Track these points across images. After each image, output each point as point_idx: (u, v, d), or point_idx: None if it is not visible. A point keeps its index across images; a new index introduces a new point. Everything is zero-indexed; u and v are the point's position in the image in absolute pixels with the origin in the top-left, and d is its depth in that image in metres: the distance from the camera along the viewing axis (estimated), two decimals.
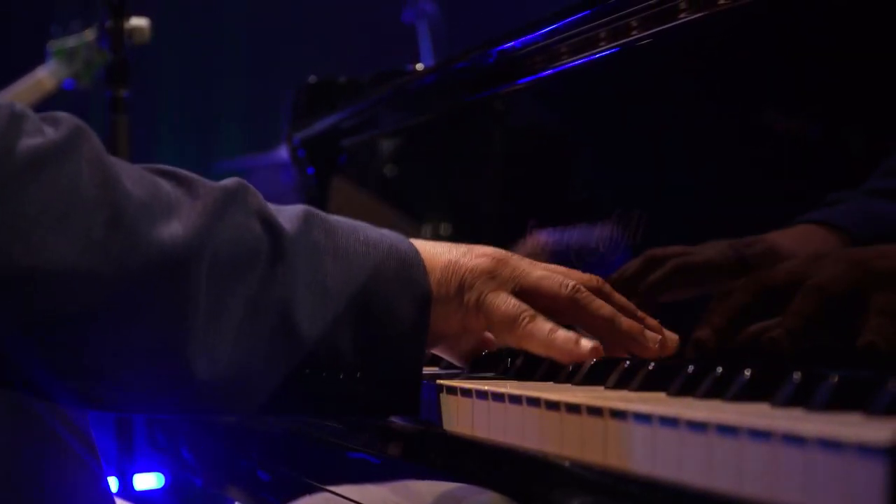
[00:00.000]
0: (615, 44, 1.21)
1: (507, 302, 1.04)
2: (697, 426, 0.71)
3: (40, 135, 0.91)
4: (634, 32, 1.18)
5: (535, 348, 1.04)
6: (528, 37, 1.33)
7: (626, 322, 1.05)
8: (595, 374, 1.01)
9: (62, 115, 0.95)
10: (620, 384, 0.96)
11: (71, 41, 3.51)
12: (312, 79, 2.02)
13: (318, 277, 0.98)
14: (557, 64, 1.31)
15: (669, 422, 0.74)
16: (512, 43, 1.37)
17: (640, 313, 1.07)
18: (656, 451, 0.75)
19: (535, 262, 1.08)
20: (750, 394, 0.82)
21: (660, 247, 1.12)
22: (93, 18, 3.54)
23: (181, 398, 0.96)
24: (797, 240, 0.98)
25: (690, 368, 0.89)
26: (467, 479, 0.98)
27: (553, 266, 1.08)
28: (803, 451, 0.63)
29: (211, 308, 0.93)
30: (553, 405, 0.87)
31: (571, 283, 1.05)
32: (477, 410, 0.99)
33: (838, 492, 0.61)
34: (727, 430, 0.68)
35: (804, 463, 0.63)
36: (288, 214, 1.00)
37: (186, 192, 0.96)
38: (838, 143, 0.96)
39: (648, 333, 1.05)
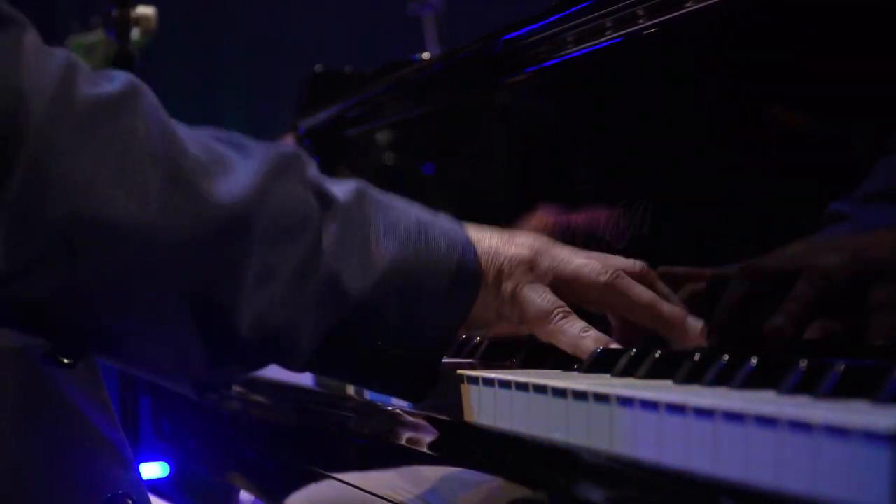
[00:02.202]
0: (621, 33, 1.21)
1: (542, 296, 1.04)
2: (704, 413, 0.71)
3: (97, 87, 0.91)
4: (641, 21, 1.17)
5: (564, 346, 1.04)
6: (534, 26, 1.33)
7: (667, 308, 1.05)
8: (602, 361, 1.01)
9: (116, 71, 0.95)
10: (627, 372, 0.96)
11: (90, 37, 3.51)
12: (318, 69, 2.02)
13: (368, 248, 0.99)
14: (563, 53, 1.31)
15: (676, 409, 0.74)
16: (517, 32, 1.37)
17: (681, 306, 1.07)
18: (663, 439, 0.75)
19: (576, 250, 1.08)
20: (756, 381, 0.82)
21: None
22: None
23: (225, 354, 0.97)
24: (834, 279, 0.96)
25: (697, 356, 0.89)
26: (473, 466, 0.99)
27: (595, 253, 1.09)
28: (810, 438, 0.63)
29: (261, 269, 0.94)
30: (560, 392, 0.87)
31: (611, 270, 1.06)
32: (483, 398, 0.99)
33: (844, 478, 0.61)
34: (734, 417, 0.69)
35: (811, 450, 0.63)
36: (342, 187, 1.02)
37: (242, 154, 0.97)
38: (847, 135, 0.96)
39: (690, 322, 1.04)
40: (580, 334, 1.03)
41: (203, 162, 0.93)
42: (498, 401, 0.97)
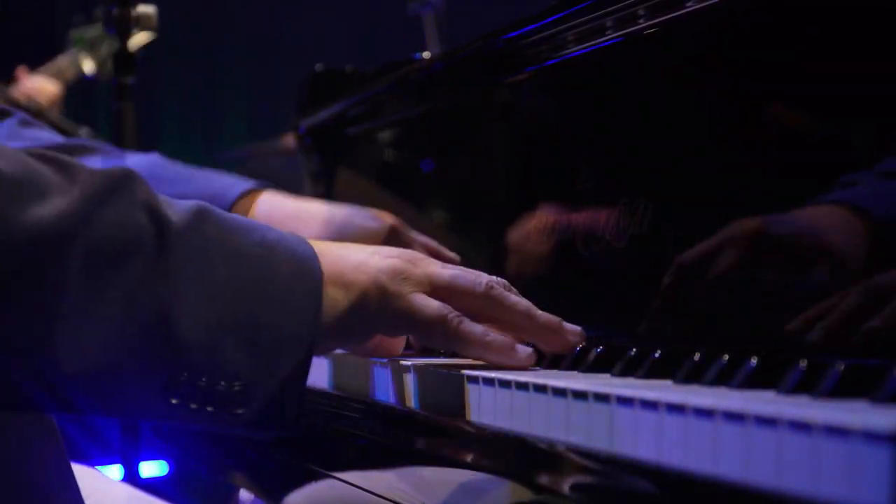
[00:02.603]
0: (621, 33, 1.21)
1: (428, 304, 1.02)
2: (704, 413, 0.71)
3: None
4: (641, 21, 1.18)
5: (469, 351, 1.03)
6: (534, 25, 1.33)
7: (543, 315, 1.05)
8: (601, 361, 1.01)
9: None
10: (627, 372, 0.96)
11: (92, 30, 3.50)
12: (319, 68, 2.02)
13: (205, 277, 0.92)
14: (563, 53, 1.31)
15: (676, 409, 0.74)
16: (518, 32, 1.37)
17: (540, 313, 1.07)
18: (663, 439, 0.75)
19: (443, 264, 1.07)
20: (756, 381, 0.82)
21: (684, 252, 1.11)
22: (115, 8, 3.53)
23: (47, 393, 0.89)
24: (818, 222, 0.97)
25: (697, 356, 0.89)
26: (473, 467, 0.99)
27: (461, 267, 1.08)
28: (809, 438, 0.63)
29: (84, 298, 0.87)
30: (560, 392, 0.87)
31: (485, 280, 1.05)
32: (483, 397, 0.99)
33: (844, 478, 0.61)
34: (734, 416, 0.69)
35: (810, 449, 0.63)
36: (179, 208, 0.94)
37: (65, 176, 0.89)
38: (847, 135, 0.96)
39: (567, 325, 1.06)
40: (484, 338, 1.02)
41: (17, 182, 0.86)
42: (498, 400, 0.97)
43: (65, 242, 0.86)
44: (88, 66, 3.49)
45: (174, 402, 0.90)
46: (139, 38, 2.36)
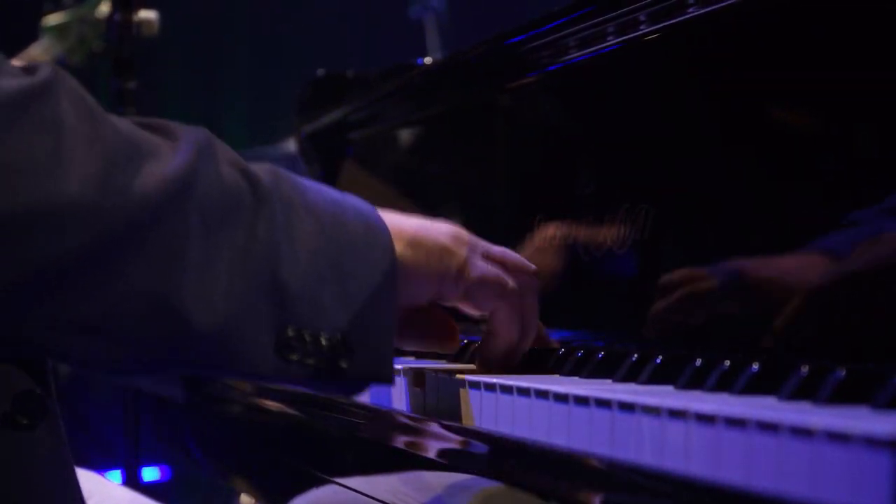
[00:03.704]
0: (623, 38, 1.21)
1: (487, 266, 1.06)
2: (705, 419, 0.72)
3: (18, 76, 0.88)
4: (642, 27, 1.18)
5: (514, 315, 1.07)
6: (536, 31, 1.33)
7: (542, 329, 1.12)
8: (603, 367, 1.01)
9: (37, 63, 0.92)
10: (628, 377, 0.96)
11: (64, 16, 3.49)
12: (321, 72, 2.03)
13: (296, 231, 0.96)
14: (565, 58, 1.31)
15: (677, 414, 0.74)
16: (520, 37, 1.37)
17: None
18: (664, 444, 0.75)
19: None
20: (757, 387, 0.83)
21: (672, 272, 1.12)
22: None
23: (179, 351, 0.91)
24: (837, 286, 0.97)
25: (698, 362, 0.90)
26: (475, 472, 0.99)
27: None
28: (811, 444, 0.63)
29: (204, 253, 0.90)
30: (561, 397, 0.88)
31: (532, 266, 1.10)
32: (485, 403, 0.99)
33: (845, 484, 0.61)
34: (735, 422, 0.69)
35: (811, 455, 0.63)
36: (259, 167, 0.98)
37: (164, 136, 0.93)
38: (848, 140, 0.96)
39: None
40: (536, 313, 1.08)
41: (134, 141, 0.90)
42: (499, 406, 0.97)
43: (185, 195, 0.90)
44: (59, 52, 3.48)
45: (289, 356, 0.94)
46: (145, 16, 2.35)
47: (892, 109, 0.91)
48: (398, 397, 1.14)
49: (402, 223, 1.04)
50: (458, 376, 1.04)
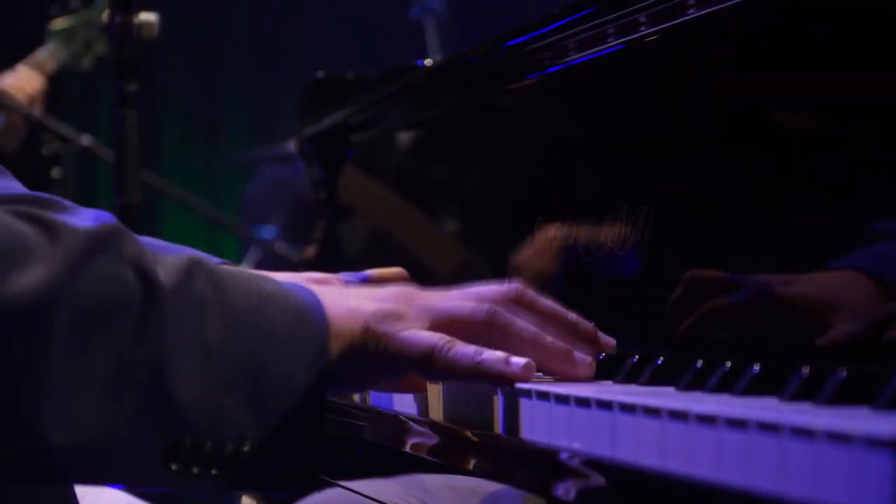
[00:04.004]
0: (623, 40, 1.21)
1: (419, 335, 0.95)
2: (706, 420, 0.72)
3: None
4: (643, 28, 1.18)
5: (462, 376, 0.96)
6: (537, 32, 1.33)
7: (551, 344, 0.98)
8: (604, 368, 1.01)
9: None
10: (629, 379, 0.96)
11: (70, 21, 3.49)
12: (321, 74, 2.03)
13: (200, 334, 0.88)
14: (566, 60, 1.31)
15: (679, 416, 0.74)
16: (520, 39, 1.37)
17: (571, 316, 1.01)
18: (666, 445, 0.75)
19: (444, 293, 1.01)
20: (758, 388, 0.83)
21: (701, 270, 1.09)
22: None
23: (37, 468, 0.85)
24: (836, 287, 0.95)
25: (699, 363, 0.90)
26: (473, 473, 0.99)
27: (466, 290, 1.01)
28: (812, 445, 0.63)
29: (71, 365, 0.83)
30: (563, 399, 0.88)
31: (486, 307, 0.98)
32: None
33: (846, 485, 0.61)
34: (736, 423, 0.69)
35: (812, 456, 0.63)
36: (169, 263, 0.89)
37: (48, 237, 0.85)
38: (849, 141, 0.96)
39: (577, 356, 0.99)
40: (475, 358, 0.94)
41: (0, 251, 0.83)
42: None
43: (48, 310, 0.83)
44: (65, 56, 3.49)
45: (174, 468, 0.87)
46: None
47: (894, 110, 0.91)
48: (403, 400, 1.14)
49: (333, 310, 0.94)
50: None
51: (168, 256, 0.90)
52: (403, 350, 0.95)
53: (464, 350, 0.94)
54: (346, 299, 0.97)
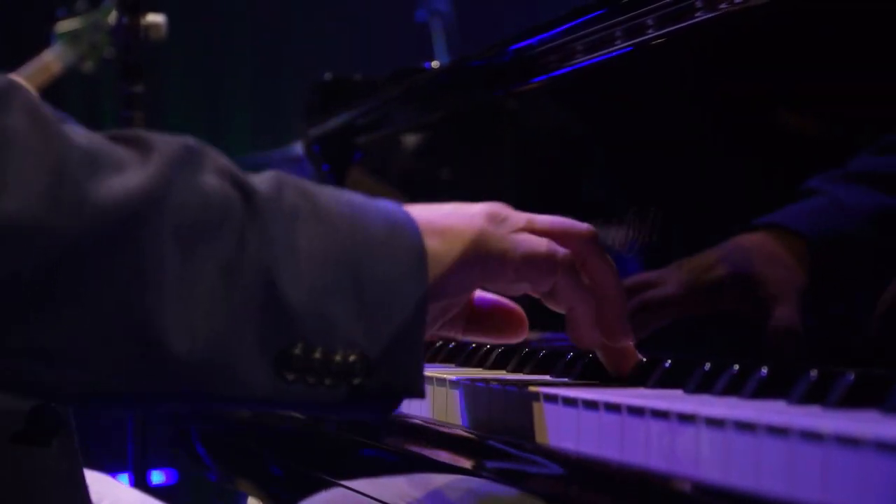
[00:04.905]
0: (630, 43, 1.21)
1: (535, 240, 0.95)
2: (715, 423, 0.72)
3: None
4: (650, 31, 1.18)
5: (574, 295, 0.96)
6: (544, 35, 1.33)
7: (623, 299, 0.98)
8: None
9: None
10: (637, 381, 0.97)
11: (76, 22, 3.51)
12: (328, 76, 2.03)
13: (301, 241, 0.87)
14: (572, 62, 1.32)
15: (687, 419, 0.74)
16: (527, 41, 1.37)
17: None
18: (674, 448, 0.75)
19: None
20: (767, 391, 0.83)
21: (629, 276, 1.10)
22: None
23: (159, 382, 0.84)
24: (754, 248, 0.96)
25: (707, 366, 0.90)
26: (473, 473, 0.99)
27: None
28: (821, 448, 0.63)
29: (182, 272, 0.82)
30: (570, 402, 0.88)
31: (587, 225, 0.98)
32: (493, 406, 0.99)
33: (856, 489, 0.61)
34: (745, 426, 0.69)
35: (821, 460, 0.63)
36: (259, 176, 0.89)
37: (139, 150, 0.85)
38: (858, 143, 0.96)
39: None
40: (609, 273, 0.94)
41: (94, 154, 0.82)
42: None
43: (153, 210, 0.82)
44: (72, 58, 3.50)
45: (287, 377, 0.85)
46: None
47: None
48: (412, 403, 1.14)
49: (432, 215, 0.94)
50: (429, 374, 1.04)
51: (254, 174, 0.89)
52: (522, 250, 0.94)
53: (596, 258, 0.96)
54: (443, 206, 0.96)
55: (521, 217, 0.97)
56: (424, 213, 0.94)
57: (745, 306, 0.99)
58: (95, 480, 1.08)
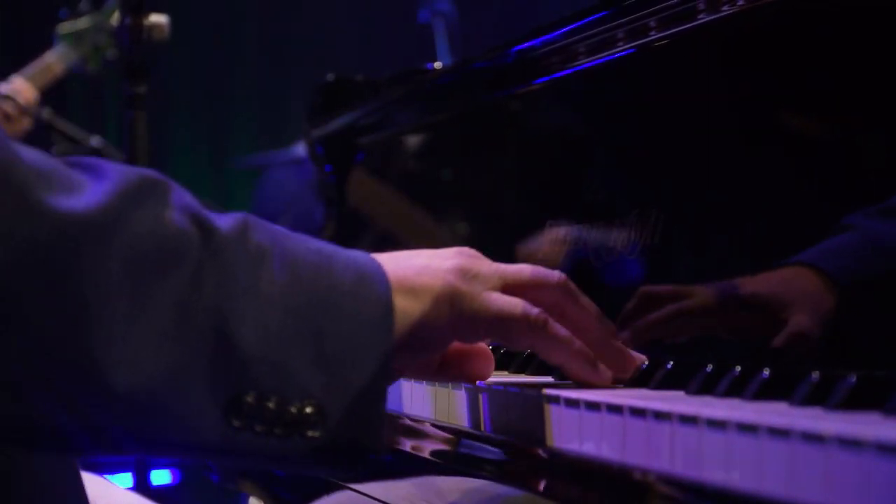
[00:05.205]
0: (633, 44, 1.21)
1: (507, 300, 0.92)
2: (717, 425, 0.72)
3: None
4: (652, 33, 1.18)
5: (554, 355, 0.94)
6: (547, 36, 1.33)
7: (611, 333, 0.98)
8: None
9: None
10: (639, 383, 0.97)
11: (79, 24, 3.51)
12: (331, 77, 2.03)
13: (262, 285, 0.83)
14: (575, 64, 1.32)
15: (689, 420, 0.74)
16: (530, 43, 1.37)
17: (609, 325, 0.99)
18: (675, 449, 0.75)
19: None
20: (769, 393, 0.83)
21: (655, 285, 1.11)
22: (102, 0, 3.55)
23: (97, 415, 0.80)
24: (784, 282, 0.96)
25: (709, 368, 0.90)
26: (487, 477, 0.99)
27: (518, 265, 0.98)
28: (822, 450, 0.63)
29: (130, 305, 0.78)
30: (572, 403, 0.88)
31: (558, 273, 0.95)
32: (495, 406, 0.99)
33: (857, 490, 0.61)
34: (747, 428, 0.69)
35: (823, 462, 0.63)
36: (223, 217, 0.86)
37: (93, 175, 0.82)
38: (858, 146, 0.96)
39: (634, 354, 0.98)
40: (572, 339, 0.93)
41: (43, 172, 0.78)
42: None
43: (104, 236, 0.78)
44: (74, 59, 3.51)
45: (236, 424, 0.81)
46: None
47: None
48: (414, 403, 1.14)
49: (405, 271, 0.90)
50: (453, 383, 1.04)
51: (220, 214, 0.86)
52: (493, 312, 0.91)
53: (560, 329, 0.92)
54: (415, 258, 0.93)
55: (493, 271, 0.94)
56: (397, 268, 0.90)
57: (762, 326, 0.99)
58: (89, 483, 1.08)
